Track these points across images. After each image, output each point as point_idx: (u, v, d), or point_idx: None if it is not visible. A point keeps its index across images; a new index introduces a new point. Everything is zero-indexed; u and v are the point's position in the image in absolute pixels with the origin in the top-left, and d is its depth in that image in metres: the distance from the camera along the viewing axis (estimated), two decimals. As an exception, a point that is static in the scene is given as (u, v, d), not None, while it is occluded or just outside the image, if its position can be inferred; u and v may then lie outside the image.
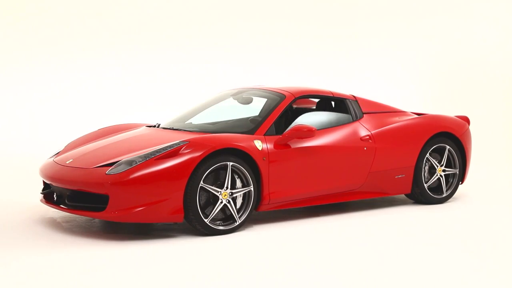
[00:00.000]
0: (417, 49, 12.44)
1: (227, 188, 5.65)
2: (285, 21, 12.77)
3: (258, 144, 5.90)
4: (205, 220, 5.54)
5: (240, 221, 5.75)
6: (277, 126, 6.34)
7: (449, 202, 7.19)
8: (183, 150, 5.49)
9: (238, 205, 5.75)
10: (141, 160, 5.46)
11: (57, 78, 12.07)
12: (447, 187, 7.17)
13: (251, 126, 6.22)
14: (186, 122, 6.72)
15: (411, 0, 13.06)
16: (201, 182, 5.50)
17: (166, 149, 5.52)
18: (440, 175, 7.09)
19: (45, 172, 6.03)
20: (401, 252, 5.21)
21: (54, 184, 5.87)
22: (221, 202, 5.63)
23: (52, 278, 4.48)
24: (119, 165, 5.50)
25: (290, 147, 6.09)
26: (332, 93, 6.89)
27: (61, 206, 5.78)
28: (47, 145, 10.12)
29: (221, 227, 5.65)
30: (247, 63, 12.45)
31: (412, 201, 7.19)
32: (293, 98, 6.52)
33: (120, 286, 4.32)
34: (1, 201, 7.05)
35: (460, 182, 7.30)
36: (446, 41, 12.88)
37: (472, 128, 7.89)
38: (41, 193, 6.19)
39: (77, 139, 6.78)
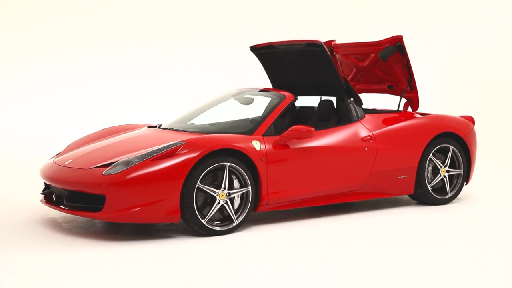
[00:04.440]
0: (421, 49, 12.36)
1: (224, 188, 5.63)
2: (287, 21, 12.75)
3: (256, 145, 5.86)
4: (202, 221, 5.52)
5: (237, 222, 5.72)
6: (276, 127, 6.31)
7: (454, 203, 7.11)
8: (180, 150, 5.48)
9: (236, 206, 5.73)
10: (137, 160, 5.45)
11: (59, 79, 12.14)
12: (451, 188, 7.09)
13: (250, 127, 6.19)
14: (187, 123, 6.71)
15: (416, 0, 12.98)
16: (198, 182, 5.48)
17: (163, 150, 5.51)
18: (444, 176, 7.02)
19: (45, 173, 6.06)
20: (402, 253, 5.16)
21: (53, 184, 5.88)
22: (218, 203, 5.61)
23: (51, 278, 4.49)
24: (116, 165, 5.50)
25: (289, 147, 6.06)
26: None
27: (60, 206, 5.80)
28: (49, 146, 10.18)
29: (218, 228, 5.63)
30: (248, 63, 12.42)
31: (416, 202, 7.13)
32: (293, 98, 6.49)
33: (119, 286, 4.32)
34: (2, 201, 7.09)
35: (465, 183, 7.23)
36: (451, 40, 12.79)
37: (477, 128, 7.81)
38: (41, 193, 6.21)
39: (78, 139, 6.80)
